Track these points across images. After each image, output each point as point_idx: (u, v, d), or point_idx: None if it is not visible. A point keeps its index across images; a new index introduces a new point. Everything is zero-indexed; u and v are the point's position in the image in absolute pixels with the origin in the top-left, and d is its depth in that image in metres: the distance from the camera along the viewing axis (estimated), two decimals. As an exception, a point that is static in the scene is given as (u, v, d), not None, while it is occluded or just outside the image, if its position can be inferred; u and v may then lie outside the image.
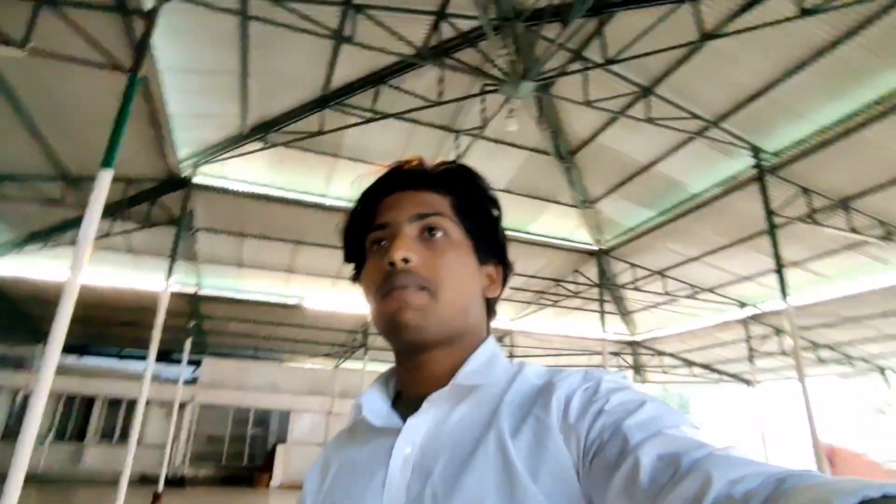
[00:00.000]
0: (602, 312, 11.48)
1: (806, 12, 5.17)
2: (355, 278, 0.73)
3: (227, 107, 7.46)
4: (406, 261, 0.62)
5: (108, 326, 14.70)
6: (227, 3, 5.58)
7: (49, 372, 3.60)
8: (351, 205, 0.75)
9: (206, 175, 8.83)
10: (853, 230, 8.04)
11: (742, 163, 7.98)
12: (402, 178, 0.71)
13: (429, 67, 7.04)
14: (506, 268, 0.74)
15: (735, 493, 0.37)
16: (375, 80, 7.43)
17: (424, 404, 0.61)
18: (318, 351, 17.26)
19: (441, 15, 6.36)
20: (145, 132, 7.16)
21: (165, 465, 12.11)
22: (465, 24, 6.60)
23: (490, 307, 0.73)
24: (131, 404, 15.61)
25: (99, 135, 6.88)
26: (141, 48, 4.89)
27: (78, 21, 4.91)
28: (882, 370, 13.41)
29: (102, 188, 4.19)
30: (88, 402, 15.27)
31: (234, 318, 14.18)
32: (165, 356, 16.56)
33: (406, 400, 0.67)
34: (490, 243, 0.71)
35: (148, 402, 15.54)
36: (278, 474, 15.09)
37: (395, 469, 0.58)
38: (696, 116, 7.31)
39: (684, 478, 0.41)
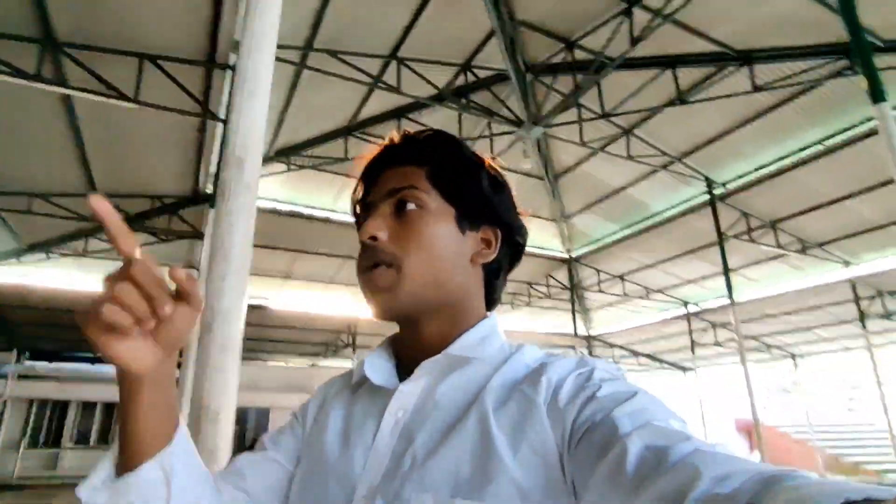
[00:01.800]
0: (573, 311, 13.05)
1: (757, 88, 6.73)
2: None
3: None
4: (374, 238, 0.63)
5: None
6: (290, 55, 6.40)
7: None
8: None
9: (225, 191, 9.44)
10: (779, 245, 9.96)
11: (697, 190, 9.66)
12: (386, 156, 0.71)
13: (445, 105, 8.11)
14: (507, 228, 0.72)
15: (721, 490, 0.37)
16: (397, 114, 8.40)
17: (417, 371, 0.62)
18: (300, 350, 17.85)
19: (467, 66, 7.45)
20: (186, 157, 7.77)
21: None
22: (482, 72, 7.72)
23: (492, 273, 0.72)
24: (107, 407, 15.63)
25: (137, 159, 7.59)
26: (230, 96, 5.69)
27: (170, 73, 5.62)
28: (793, 356, 15.97)
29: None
30: (63, 406, 15.14)
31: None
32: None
33: (404, 365, 0.68)
34: (479, 207, 0.69)
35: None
36: (260, 469, 15.67)
37: (385, 430, 0.60)
38: (664, 153, 8.85)
39: (670, 471, 0.41)
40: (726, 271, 9.29)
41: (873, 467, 18.29)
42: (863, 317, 11.69)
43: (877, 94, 3.77)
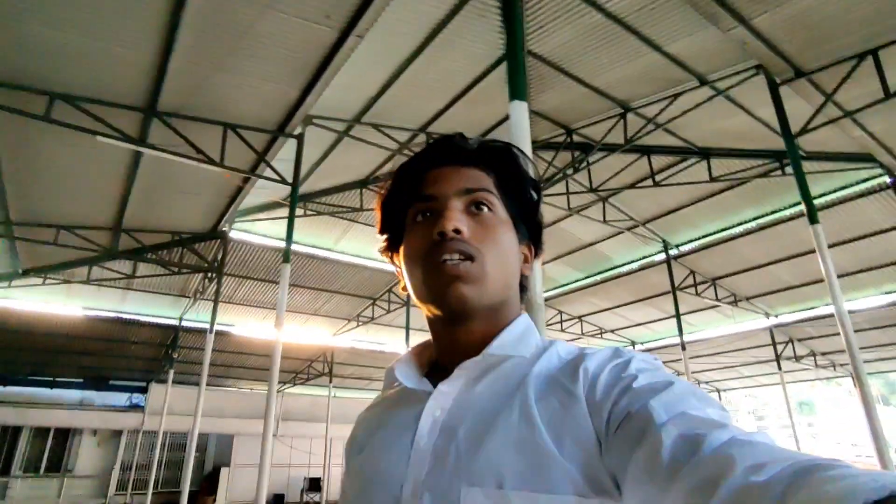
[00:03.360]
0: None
1: (712, 179, 8.43)
2: (386, 250, 0.75)
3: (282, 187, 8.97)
4: (458, 231, 0.63)
5: (43, 354, 14.24)
6: (339, 126, 7.35)
7: None
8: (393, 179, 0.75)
9: (236, 229, 10.05)
10: (717, 298, 11.85)
11: (654, 249, 11.38)
12: (448, 153, 0.71)
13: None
14: (537, 248, 0.75)
15: (756, 479, 0.36)
16: (410, 172, 9.46)
17: (456, 371, 0.62)
18: (265, 377, 17.97)
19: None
20: (219, 202, 8.42)
21: (111, 492, 12.31)
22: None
23: (522, 284, 0.73)
24: (60, 433, 15.11)
25: (171, 202, 8.27)
26: (297, 163, 6.60)
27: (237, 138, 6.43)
28: (718, 391, 18.18)
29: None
30: (14, 431, 14.49)
31: (196, 347, 14.70)
32: (102, 382, 16.18)
33: (438, 367, 0.68)
34: (527, 223, 0.72)
35: (80, 431, 15.24)
36: (222, 496, 15.63)
37: (423, 429, 0.60)
38: (631, 218, 10.47)
39: (705, 459, 0.41)
40: (678, 317, 10.99)
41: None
42: (778, 358, 13.87)
43: (812, 217, 5.31)
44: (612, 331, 15.21)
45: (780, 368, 13.86)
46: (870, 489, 0.30)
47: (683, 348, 10.76)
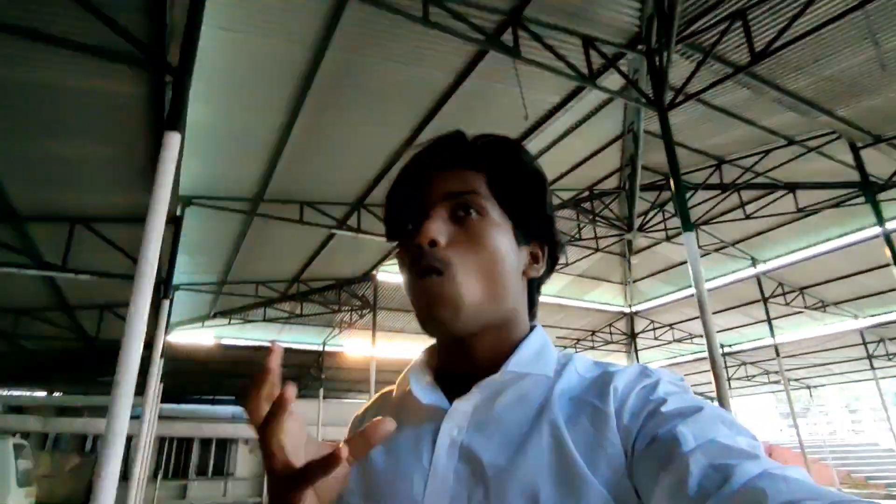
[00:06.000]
0: (637, 355, 15.88)
1: (799, 210, 9.64)
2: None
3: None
4: (433, 243, 0.58)
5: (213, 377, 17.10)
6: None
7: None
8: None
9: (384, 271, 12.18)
10: (805, 306, 12.86)
11: (743, 265, 12.58)
12: (439, 156, 0.66)
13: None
14: (553, 245, 0.69)
15: None
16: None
17: (474, 389, 0.58)
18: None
19: (591, 190, 10.29)
20: (375, 256, 10.50)
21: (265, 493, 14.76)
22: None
23: (533, 287, 0.69)
24: (220, 442, 17.94)
25: (344, 259, 10.46)
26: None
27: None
28: (809, 388, 18.82)
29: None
30: (188, 442, 17.45)
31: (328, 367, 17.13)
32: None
33: (450, 382, 0.63)
34: (533, 220, 0.66)
35: (235, 440, 18.03)
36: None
37: (441, 451, 0.57)
38: (720, 241, 11.75)
39: (735, 492, 0.40)
40: (770, 324, 12.14)
41: (881, 481, 21.02)
42: (870, 357, 14.57)
43: (891, 246, 6.60)
44: (701, 336, 16.30)
45: (872, 367, 14.55)
46: None
47: (778, 354, 11.88)
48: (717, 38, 5.45)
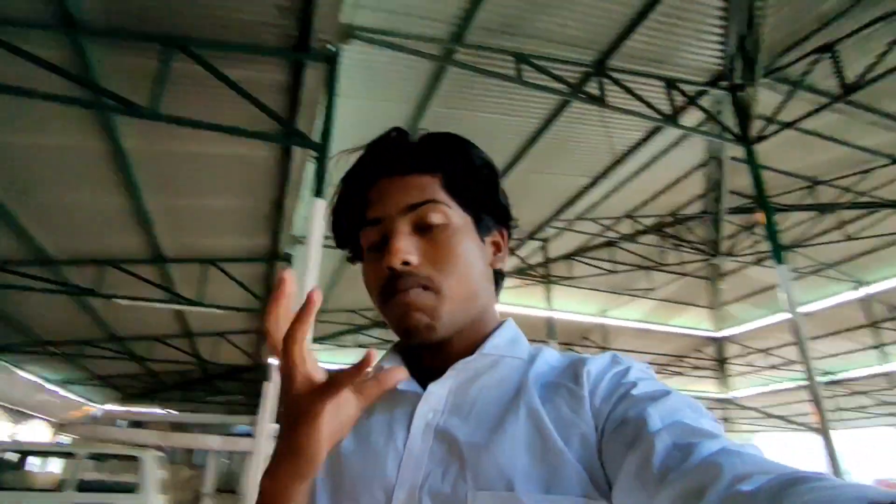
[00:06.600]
0: (726, 379, 15.24)
1: (908, 229, 9.06)
2: (352, 260, 0.70)
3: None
4: (406, 263, 0.59)
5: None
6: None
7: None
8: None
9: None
10: (922, 330, 11.83)
11: (845, 287, 11.86)
12: (387, 161, 0.65)
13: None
14: (508, 228, 0.71)
15: (741, 489, 0.37)
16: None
17: (449, 371, 0.60)
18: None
19: (675, 216, 10.25)
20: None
21: None
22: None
23: (498, 273, 0.70)
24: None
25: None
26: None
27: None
28: (931, 419, 17.01)
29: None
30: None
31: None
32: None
33: (423, 369, 0.63)
34: (495, 212, 0.68)
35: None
36: None
37: (416, 434, 0.57)
38: (819, 263, 11.18)
39: (694, 468, 0.42)
40: (880, 347, 11.30)
41: None
42: None
43: None
44: (801, 362, 15.30)
45: None
46: (853, 499, 0.31)
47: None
48: (805, 71, 5.49)
